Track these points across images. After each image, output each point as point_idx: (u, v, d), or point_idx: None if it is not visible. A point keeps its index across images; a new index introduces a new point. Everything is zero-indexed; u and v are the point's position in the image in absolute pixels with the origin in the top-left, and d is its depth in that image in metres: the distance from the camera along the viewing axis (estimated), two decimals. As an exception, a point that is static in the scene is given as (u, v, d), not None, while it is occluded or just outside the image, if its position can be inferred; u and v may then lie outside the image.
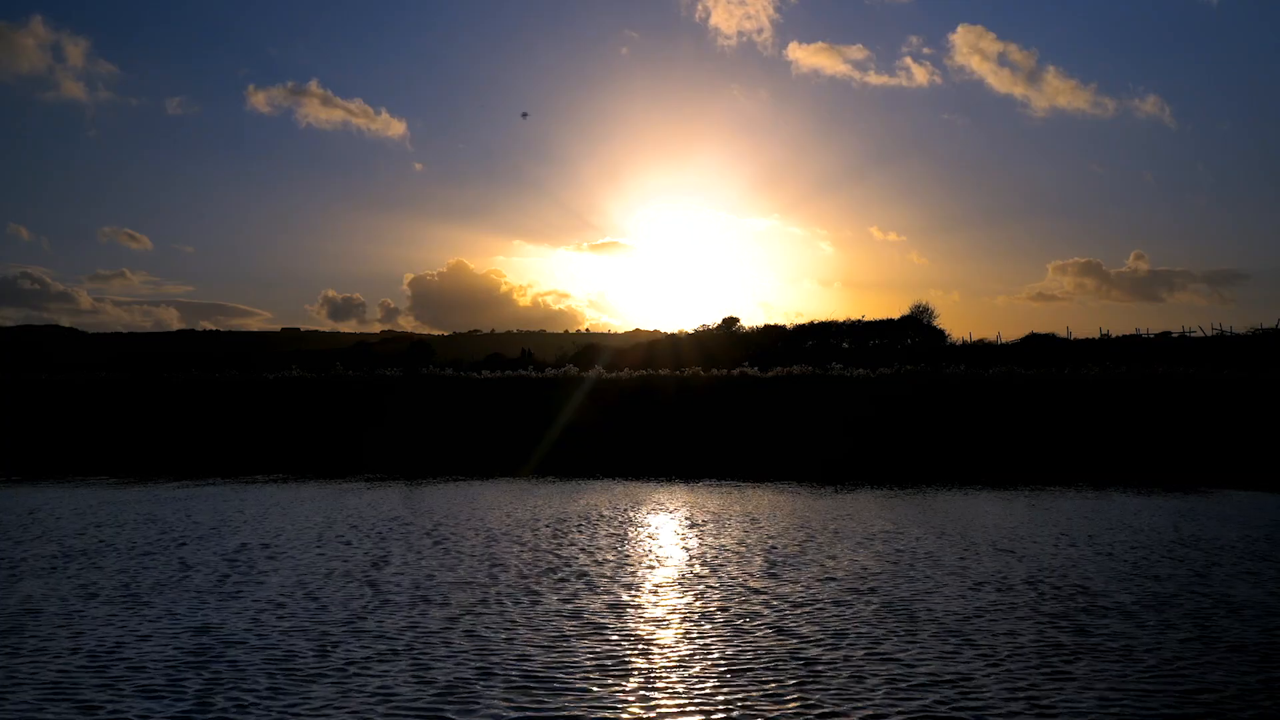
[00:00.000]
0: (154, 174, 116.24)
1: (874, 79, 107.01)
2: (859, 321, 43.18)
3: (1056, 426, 23.20)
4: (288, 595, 8.49)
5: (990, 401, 23.84)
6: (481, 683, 6.02)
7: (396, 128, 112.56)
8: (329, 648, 6.78)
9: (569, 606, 8.05)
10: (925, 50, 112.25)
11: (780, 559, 10.28)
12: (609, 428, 24.48)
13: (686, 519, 13.63)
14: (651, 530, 12.53)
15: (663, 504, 15.51)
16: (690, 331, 45.87)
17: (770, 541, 11.47)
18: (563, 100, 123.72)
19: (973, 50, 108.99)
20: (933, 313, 43.74)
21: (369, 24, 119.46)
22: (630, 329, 65.66)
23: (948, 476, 20.34)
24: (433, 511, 14.50)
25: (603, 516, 13.88)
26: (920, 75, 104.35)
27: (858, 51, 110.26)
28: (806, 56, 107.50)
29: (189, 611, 7.89)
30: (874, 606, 8.01)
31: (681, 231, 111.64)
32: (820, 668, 6.30)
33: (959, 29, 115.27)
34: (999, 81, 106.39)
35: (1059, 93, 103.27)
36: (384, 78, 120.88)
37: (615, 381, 25.85)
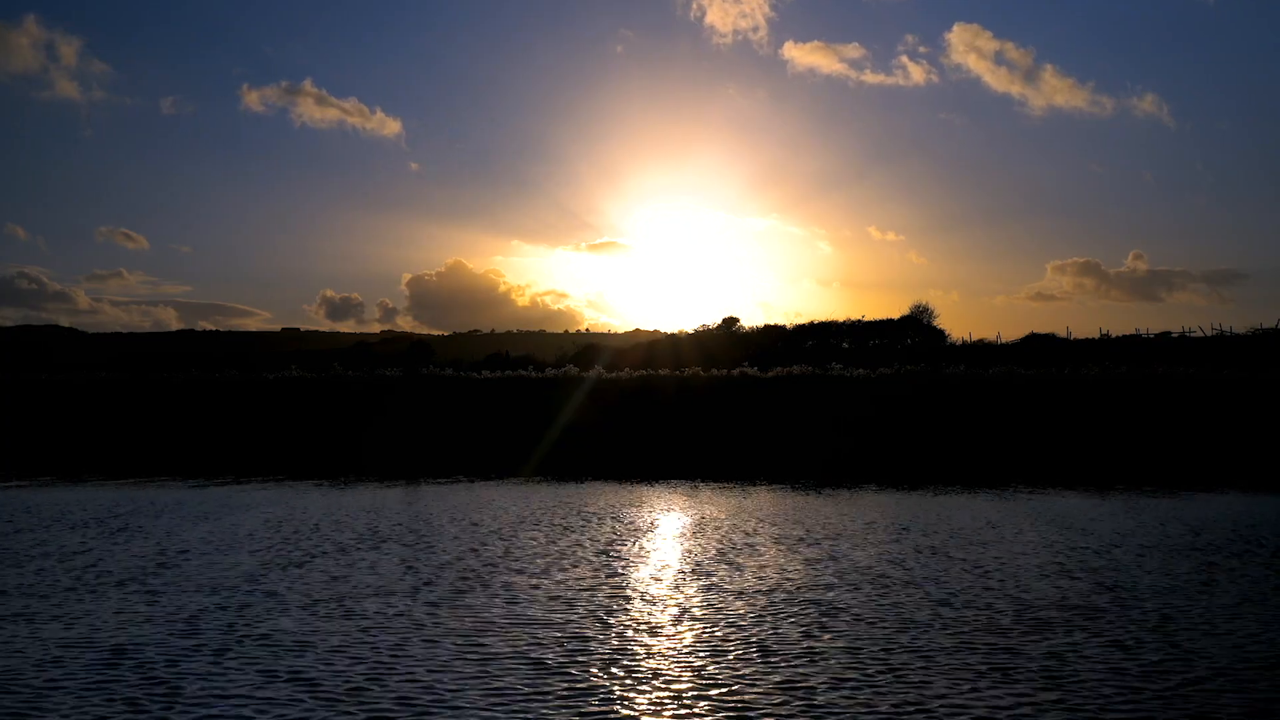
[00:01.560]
0: (150, 174, 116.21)
1: (870, 78, 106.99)
2: (859, 321, 43.21)
3: (1056, 427, 23.20)
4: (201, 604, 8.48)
5: (990, 401, 23.84)
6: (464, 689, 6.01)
7: (391, 127, 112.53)
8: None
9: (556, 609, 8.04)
10: (921, 49, 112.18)
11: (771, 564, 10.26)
12: (609, 428, 24.48)
13: (684, 524, 13.62)
14: (647, 539, 12.52)
15: (660, 508, 15.51)
16: (690, 331, 45.90)
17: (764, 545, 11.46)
18: (559, 100, 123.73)
19: (969, 49, 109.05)
20: (933, 313, 43.78)
21: (363, 23, 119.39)
22: (630, 329, 65.67)
23: (948, 477, 20.32)
24: (434, 514, 14.49)
25: (601, 522, 13.87)
26: (917, 74, 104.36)
27: (854, 50, 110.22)
28: (802, 55, 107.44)
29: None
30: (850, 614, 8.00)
31: (680, 231, 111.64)
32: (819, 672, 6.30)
33: (955, 27, 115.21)
34: (996, 80, 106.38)
35: (1056, 91, 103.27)
36: (378, 77, 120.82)
37: (615, 381, 25.85)
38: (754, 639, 7.02)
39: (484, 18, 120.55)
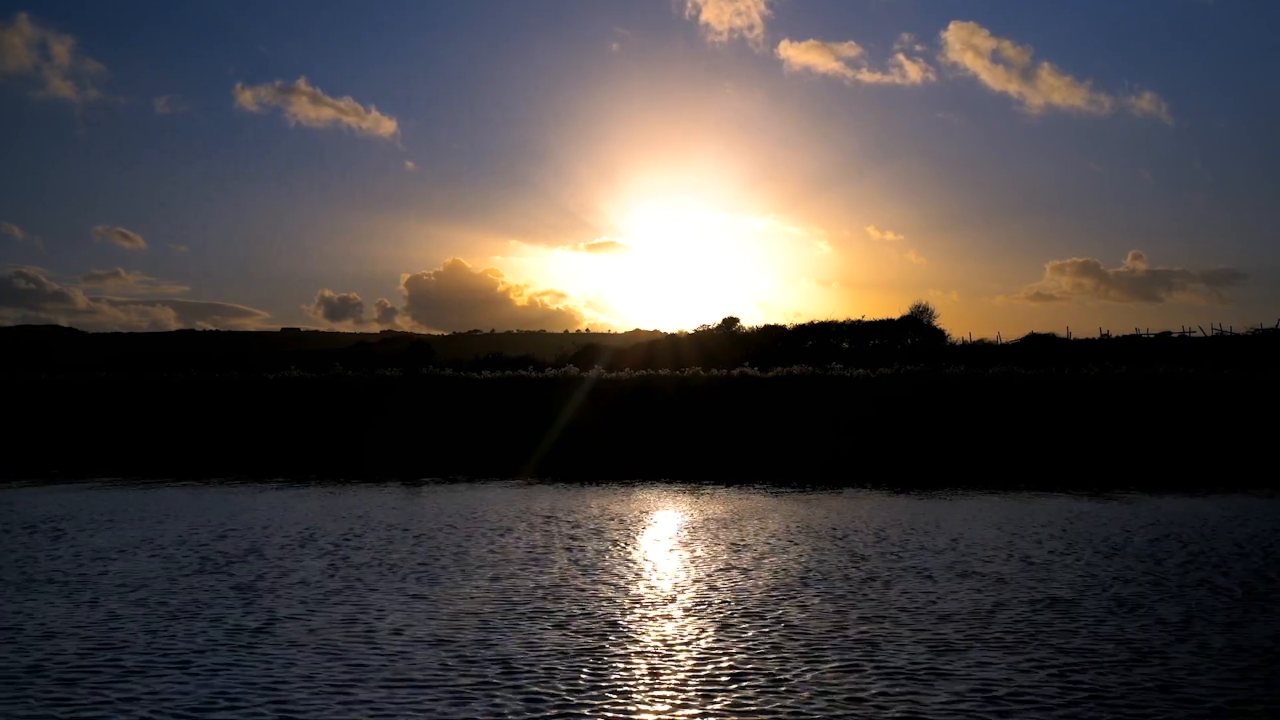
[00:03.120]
0: (146, 173, 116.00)
1: (867, 77, 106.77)
2: (859, 321, 43.21)
3: (1056, 427, 23.18)
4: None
5: (990, 402, 23.82)
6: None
7: (387, 126, 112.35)
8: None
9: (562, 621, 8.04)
10: (918, 47, 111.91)
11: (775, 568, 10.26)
12: (609, 428, 24.46)
13: (683, 530, 13.61)
14: (645, 546, 12.52)
15: (660, 511, 15.50)
16: (690, 331, 45.89)
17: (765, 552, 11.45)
18: (556, 99, 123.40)
19: (965, 47, 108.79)
20: (933, 313, 43.76)
21: (357, 22, 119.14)
22: (630, 329, 65.61)
23: (948, 478, 20.31)
24: (435, 514, 14.49)
25: (600, 535, 13.86)
26: (914, 73, 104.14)
27: (850, 49, 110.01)
28: (798, 54, 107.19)
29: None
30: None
31: (678, 231, 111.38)
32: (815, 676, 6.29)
33: (951, 26, 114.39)
34: (993, 79, 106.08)
35: (1054, 90, 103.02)
36: (372, 76, 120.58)
37: (615, 381, 25.84)
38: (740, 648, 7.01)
39: (478, 17, 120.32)
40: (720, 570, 9.78)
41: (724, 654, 6.69)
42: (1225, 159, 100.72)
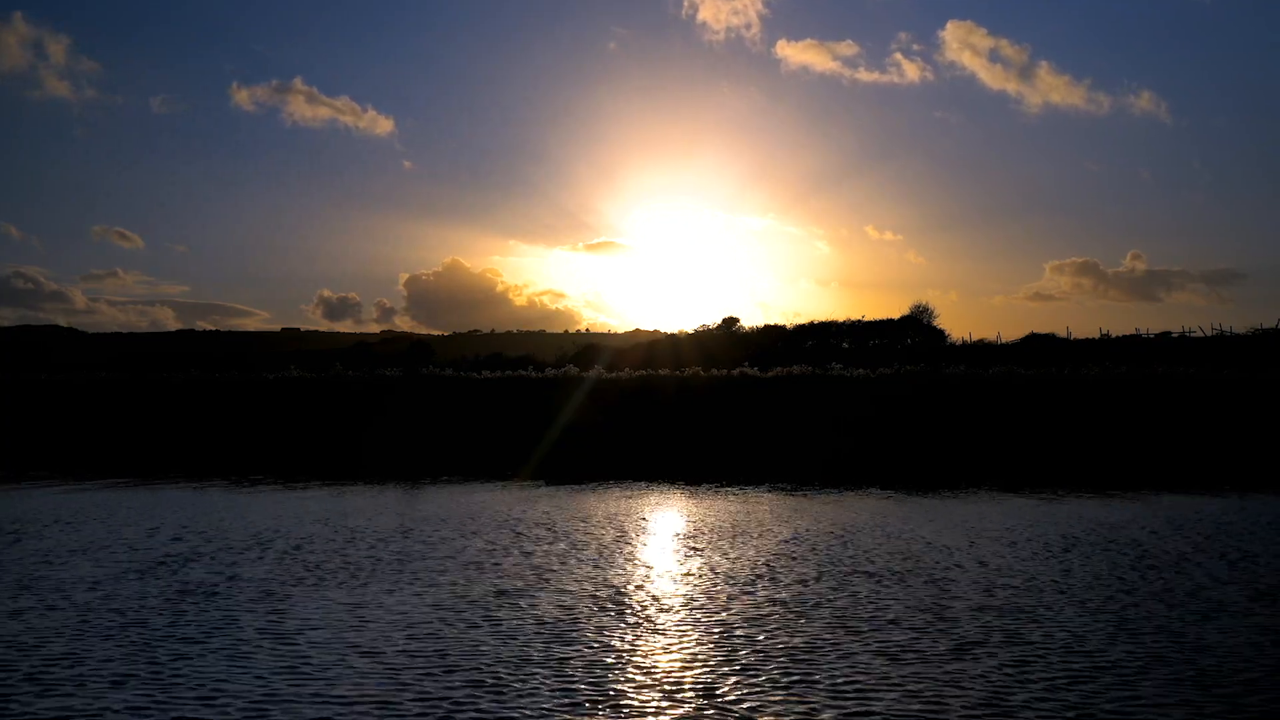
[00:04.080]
0: (144, 173, 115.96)
1: (864, 76, 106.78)
2: (859, 321, 43.22)
3: (1057, 427, 23.18)
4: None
5: (991, 402, 23.82)
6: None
7: (384, 125, 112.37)
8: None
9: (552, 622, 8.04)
10: (915, 46, 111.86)
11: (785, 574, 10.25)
12: (609, 428, 24.47)
13: (683, 536, 13.61)
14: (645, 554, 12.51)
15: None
16: (690, 331, 45.93)
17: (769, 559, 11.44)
18: (553, 98, 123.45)
19: (963, 46, 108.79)
20: (933, 313, 43.80)
21: (353, 21, 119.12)
22: (630, 329, 65.62)
23: (949, 479, 20.30)
24: (434, 516, 14.48)
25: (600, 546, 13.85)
26: (911, 72, 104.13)
27: (847, 48, 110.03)
28: (796, 53, 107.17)
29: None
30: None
31: (677, 230, 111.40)
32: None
33: (948, 25, 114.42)
34: (991, 78, 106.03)
35: (1052, 89, 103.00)
36: (369, 76, 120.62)
37: (615, 381, 25.85)
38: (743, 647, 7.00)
39: (475, 16, 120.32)
40: (666, 571, 9.78)
41: (658, 665, 6.69)
42: (1224, 158, 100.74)
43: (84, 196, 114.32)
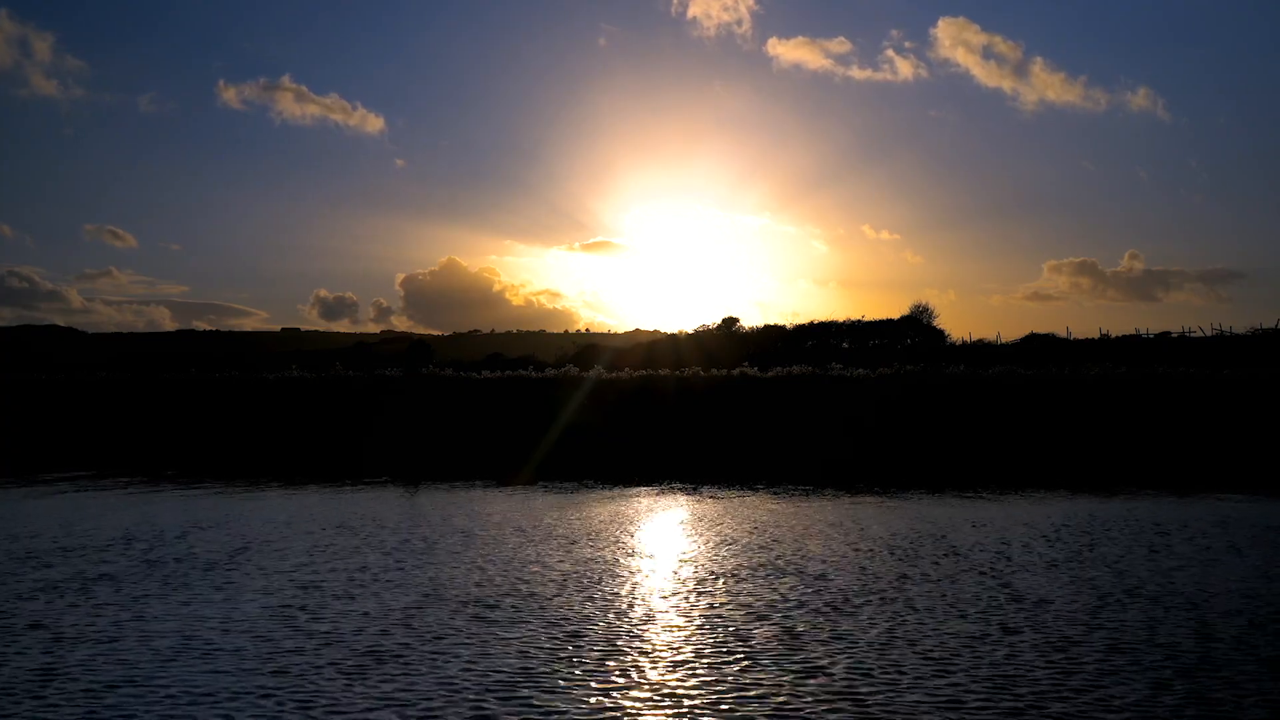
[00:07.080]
0: (134, 171, 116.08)
1: (857, 73, 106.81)
2: (859, 321, 43.19)
3: (1057, 427, 23.17)
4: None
5: (991, 401, 23.81)
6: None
7: (374, 123, 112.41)
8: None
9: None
10: (907, 43, 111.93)
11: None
12: (609, 428, 24.45)
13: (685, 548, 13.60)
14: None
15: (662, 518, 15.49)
16: (690, 331, 45.90)
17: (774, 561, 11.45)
18: (545, 97, 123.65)
19: (956, 43, 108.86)
20: (932, 313, 43.76)
21: (340, 19, 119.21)
22: (630, 329, 65.67)
23: (948, 479, 20.29)
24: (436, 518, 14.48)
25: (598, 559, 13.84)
26: (904, 69, 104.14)
27: (839, 45, 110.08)
28: (788, 51, 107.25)
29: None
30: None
31: (673, 230, 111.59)
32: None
33: (941, 21, 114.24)
34: (986, 74, 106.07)
35: (1048, 86, 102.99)
36: (358, 73, 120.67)
37: (615, 381, 25.84)
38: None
39: (465, 13, 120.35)
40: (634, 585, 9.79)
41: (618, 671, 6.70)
42: (1223, 157, 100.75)
43: (75, 195, 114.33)
